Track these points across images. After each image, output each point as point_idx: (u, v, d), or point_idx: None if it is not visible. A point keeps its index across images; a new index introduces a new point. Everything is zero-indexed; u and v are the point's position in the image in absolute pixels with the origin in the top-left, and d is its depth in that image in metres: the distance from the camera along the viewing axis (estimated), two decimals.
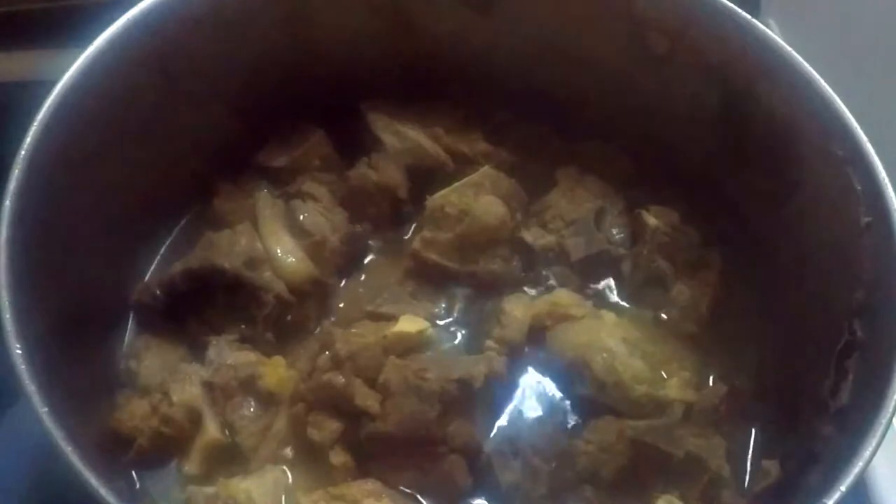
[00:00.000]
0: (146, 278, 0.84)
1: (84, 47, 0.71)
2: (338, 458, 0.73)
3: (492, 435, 0.76)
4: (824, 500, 0.59)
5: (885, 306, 0.68)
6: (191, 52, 0.79)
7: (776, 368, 0.82)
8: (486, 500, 0.74)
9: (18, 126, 0.67)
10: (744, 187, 0.84)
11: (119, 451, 0.73)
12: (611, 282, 0.87)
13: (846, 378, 0.69)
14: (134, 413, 0.74)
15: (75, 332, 0.71)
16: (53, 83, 0.69)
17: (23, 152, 0.66)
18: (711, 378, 0.82)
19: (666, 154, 0.90)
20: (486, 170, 0.87)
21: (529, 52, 0.89)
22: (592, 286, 0.86)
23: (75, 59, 0.71)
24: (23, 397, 0.59)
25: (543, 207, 0.88)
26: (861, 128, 0.72)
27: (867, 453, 0.61)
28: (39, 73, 0.96)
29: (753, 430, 0.80)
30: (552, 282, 0.86)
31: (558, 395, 0.80)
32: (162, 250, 0.86)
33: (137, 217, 0.81)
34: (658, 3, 0.81)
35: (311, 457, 0.74)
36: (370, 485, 0.71)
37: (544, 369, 0.80)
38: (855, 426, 0.64)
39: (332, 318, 0.82)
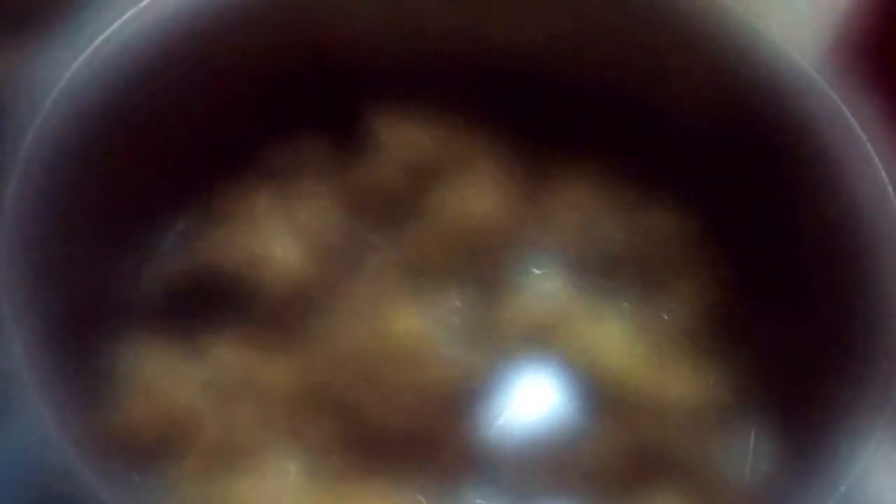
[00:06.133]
0: (146, 278, 0.84)
1: (84, 47, 0.71)
2: (338, 458, 0.73)
3: (492, 435, 0.77)
4: (824, 500, 0.59)
5: (886, 306, 0.68)
6: (190, 51, 0.79)
7: (776, 368, 0.82)
8: (485, 499, 0.74)
9: (18, 126, 0.67)
10: (743, 187, 0.84)
11: (119, 451, 0.73)
12: (611, 282, 0.87)
13: (846, 378, 0.69)
14: (134, 413, 0.74)
15: (75, 332, 0.71)
16: (53, 83, 0.69)
17: (23, 152, 0.66)
18: (711, 378, 0.82)
19: (666, 153, 0.90)
20: (486, 170, 0.87)
21: (530, 52, 0.89)
22: (592, 286, 0.86)
23: (75, 58, 0.71)
24: (23, 397, 0.59)
25: (544, 207, 0.88)
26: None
27: (867, 453, 0.61)
28: (39, 73, 0.96)
29: (753, 430, 0.80)
30: (552, 281, 0.86)
31: (558, 395, 0.80)
32: (162, 250, 0.86)
33: (137, 217, 0.81)
34: (658, 3, 0.81)
35: (311, 457, 0.74)
36: (370, 485, 0.71)
37: (544, 369, 0.81)
38: (855, 426, 0.64)
39: (333, 318, 0.82)
